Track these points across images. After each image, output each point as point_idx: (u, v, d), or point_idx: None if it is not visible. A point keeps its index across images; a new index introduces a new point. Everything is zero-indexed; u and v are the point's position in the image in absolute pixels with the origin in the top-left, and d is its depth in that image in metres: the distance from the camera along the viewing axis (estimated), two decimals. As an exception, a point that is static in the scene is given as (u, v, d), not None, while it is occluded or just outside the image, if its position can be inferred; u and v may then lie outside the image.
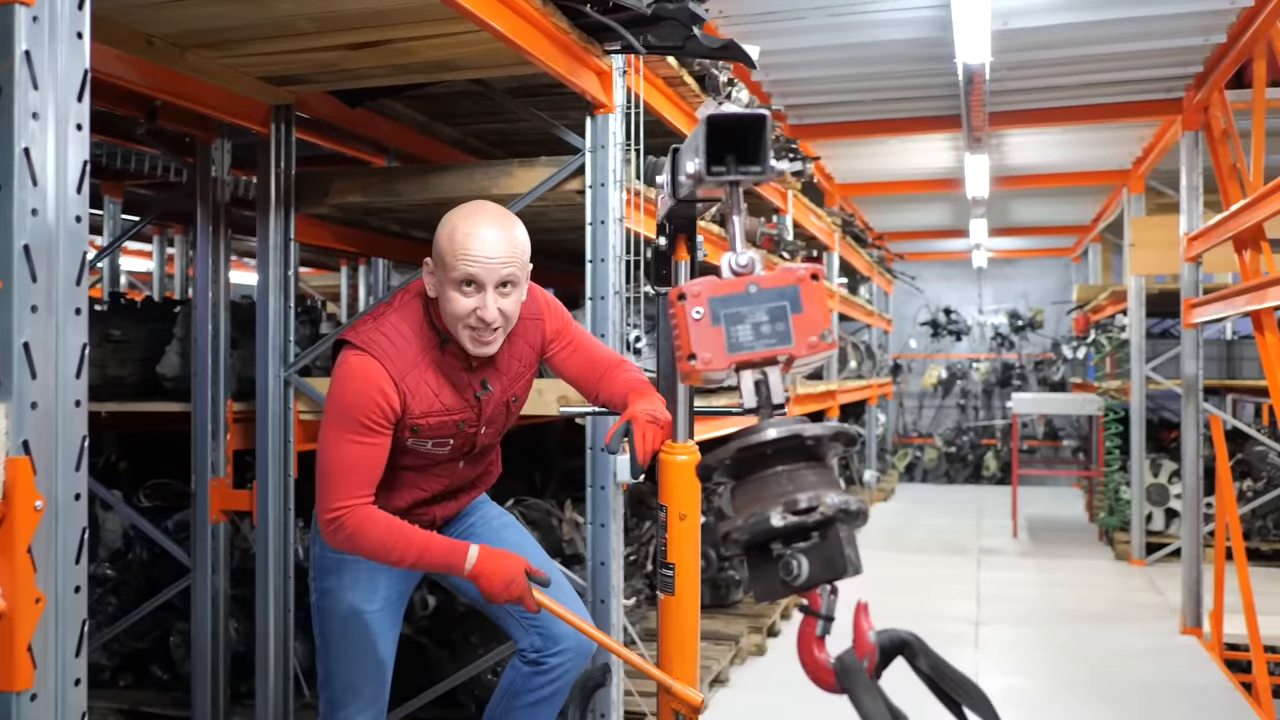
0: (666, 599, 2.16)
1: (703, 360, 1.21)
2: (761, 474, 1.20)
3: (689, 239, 2.10)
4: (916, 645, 1.19)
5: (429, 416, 2.27)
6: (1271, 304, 4.29)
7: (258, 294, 3.62)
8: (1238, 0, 4.49)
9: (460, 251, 2.15)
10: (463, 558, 2.19)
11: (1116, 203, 9.47)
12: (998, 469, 14.01)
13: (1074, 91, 5.99)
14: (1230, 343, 8.37)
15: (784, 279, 1.23)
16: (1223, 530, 5.74)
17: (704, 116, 1.33)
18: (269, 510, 3.57)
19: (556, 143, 4.12)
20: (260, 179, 3.62)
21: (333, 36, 2.92)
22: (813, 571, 1.16)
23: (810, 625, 1.20)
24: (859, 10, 4.57)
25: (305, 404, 3.64)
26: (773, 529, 1.15)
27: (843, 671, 1.14)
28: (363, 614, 2.43)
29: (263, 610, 3.59)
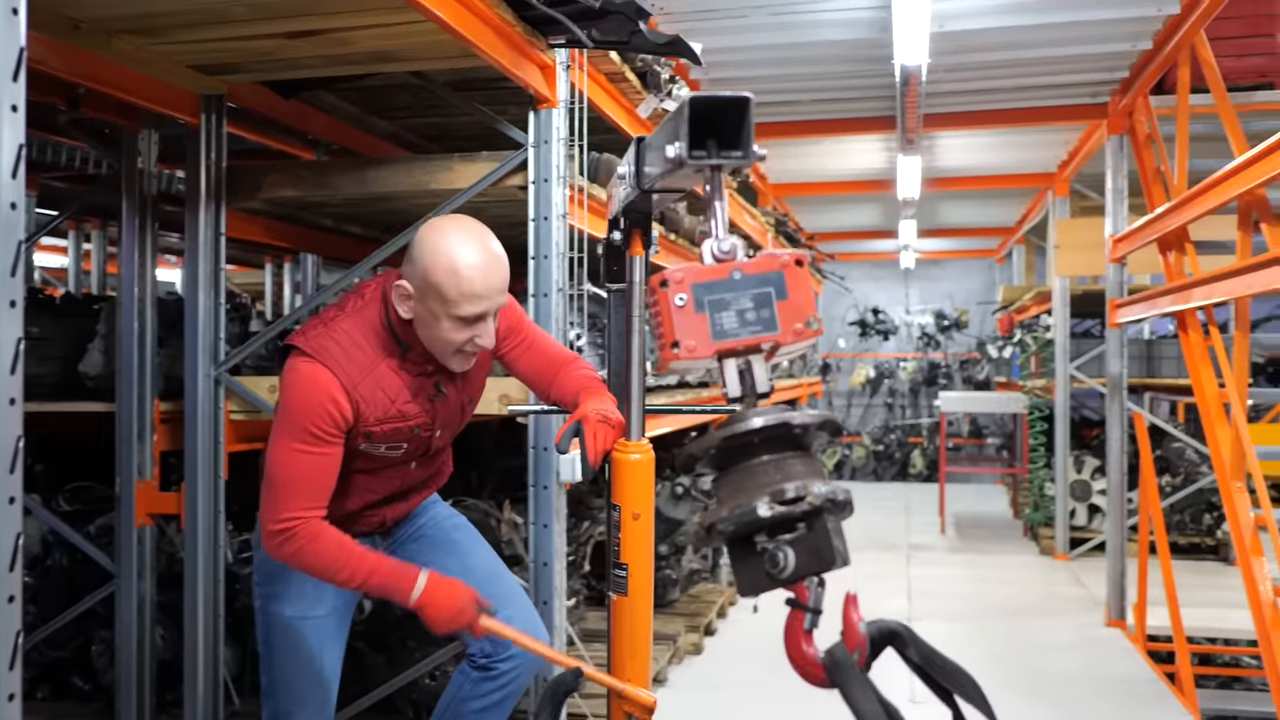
0: (619, 600, 2.12)
1: (686, 348, 1.17)
2: (747, 464, 1.17)
3: (644, 234, 2.06)
4: (906, 635, 1.17)
5: (384, 424, 2.21)
6: (1195, 304, 4.41)
7: (186, 290, 3.51)
8: (1164, 8, 4.60)
9: (467, 291, 2.09)
10: (411, 584, 2.12)
11: (1041, 205, 9.66)
12: (924, 467, 14.23)
13: (1004, 95, 6.09)
14: (1150, 342, 8.59)
15: (768, 265, 1.20)
16: (1146, 525, 5.89)
17: (686, 99, 1.30)
18: (198, 513, 3.46)
19: (496, 138, 4.05)
20: (190, 171, 3.51)
21: (268, 24, 2.83)
22: (800, 563, 1.13)
23: (798, 619, 1.17)
24: (799, 10, 4.58)
25: (236, 404, 3.54)
26: (760, 519, 1.12)
27: (834, 666, 1.12)
28: (309, 620, 2.36)
29: (191, 616, 3.48)
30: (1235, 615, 5.80)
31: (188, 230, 3.50)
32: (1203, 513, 8.08)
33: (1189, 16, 4.52)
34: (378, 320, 2.21)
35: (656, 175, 1.56)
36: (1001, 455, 13.67)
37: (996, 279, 14.47)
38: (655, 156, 1.53)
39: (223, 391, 3.50)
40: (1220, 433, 4.24)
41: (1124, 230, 5.86)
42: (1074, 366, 8.21)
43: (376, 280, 2.29)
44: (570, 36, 2.99)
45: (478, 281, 2.09)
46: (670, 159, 1.31)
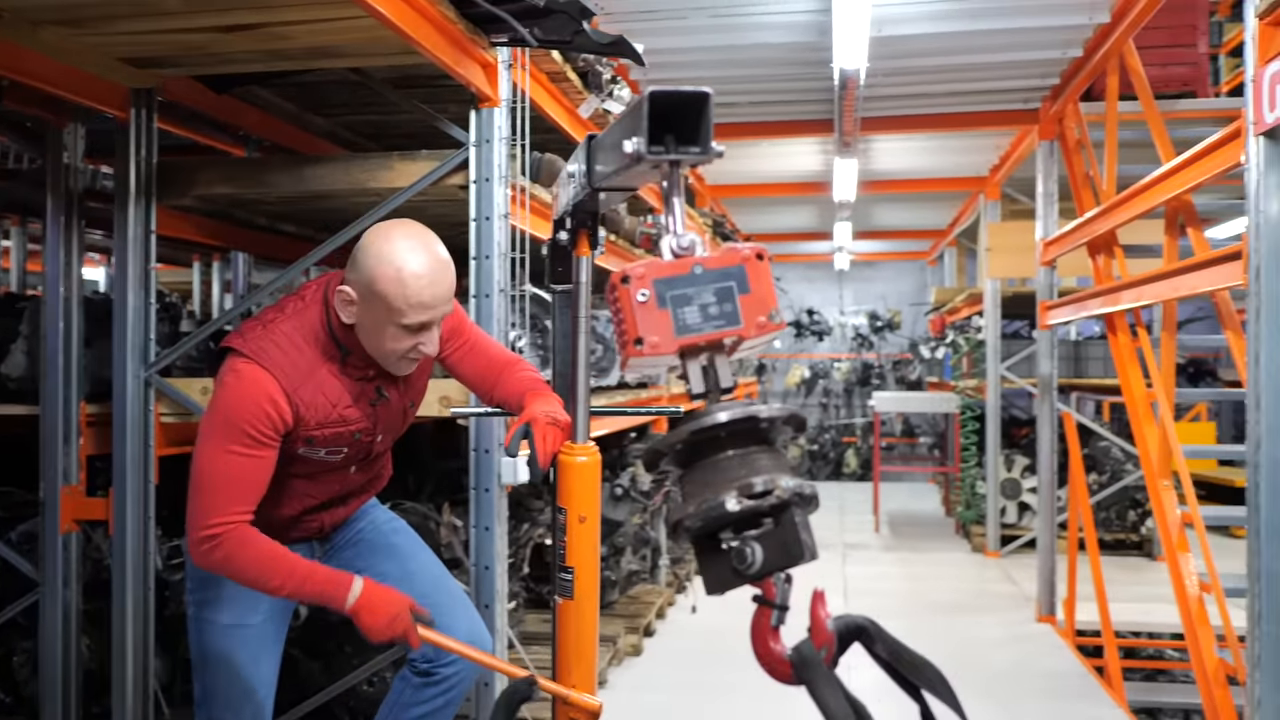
0: (565, 604, 2.10)
1: (650, 344, 1.16)
2: (713, 459, 1.16)
3: (591, 234, 2.05)
4: (873, 630, 1.16)
5: (325, 428, 2.16)
6: (1124, 307, 4.51)
7: (115, 290, 3.41)
8: (1095, 17, 4.70)
9: (413, 301, 2.06)
10: (346, 590, 2.07)
11: (973, 208, 9.83)
12: (858, 466, 14.40)
13: (939, 99, 6.18)
14: (1077, 344, 8.78)
15: (729, 259, 1.20)
16: (1075, 522, 6.02)
17: (646, 93, 1.28)
18: (127, 519, 3.37)
19: (434, 136, 4.00)
20: (119, 167, 3.41)
21: (204, 17, 2.76)
22: (768, 559, 1.12)
23: (765, 616, 1.16)
24: (739, 12, 4.60)
25: (166, 406, 3.45)
26: (727, 514, 1.11)
27: (801, 663, 1.11)
28: (244, 627, 2.30)
29: (120, 624, 3.38)
30: (1160, 609, 5.97)
31: (116, 228, 3.40)
32: (1128, 509, 8.30)
33: (1118, 26, 4.62)
34: (318, 323, 2.17)
35: (610, 172, 1.55)
36: (933, 454, 13.89)
37: (928, 281, 14.70)
38: (610, 154, 1.52)
39: (153, 393, 3.40)
40: (1148, 432, 4.35)
41: (1054, 234, 5.98)
42: (1004, 367, 8.37)
43: (317, 282, 2.24)
44: (513, 35, 2.97)
45: (425, 291, 2.06)
46: (629, 154, 1.29)
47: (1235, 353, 3.39)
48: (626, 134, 1.31)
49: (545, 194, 3.65)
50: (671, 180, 1.30)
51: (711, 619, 6.14)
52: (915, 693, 1.16)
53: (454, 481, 4.99)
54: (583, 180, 1.73)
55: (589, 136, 1.70)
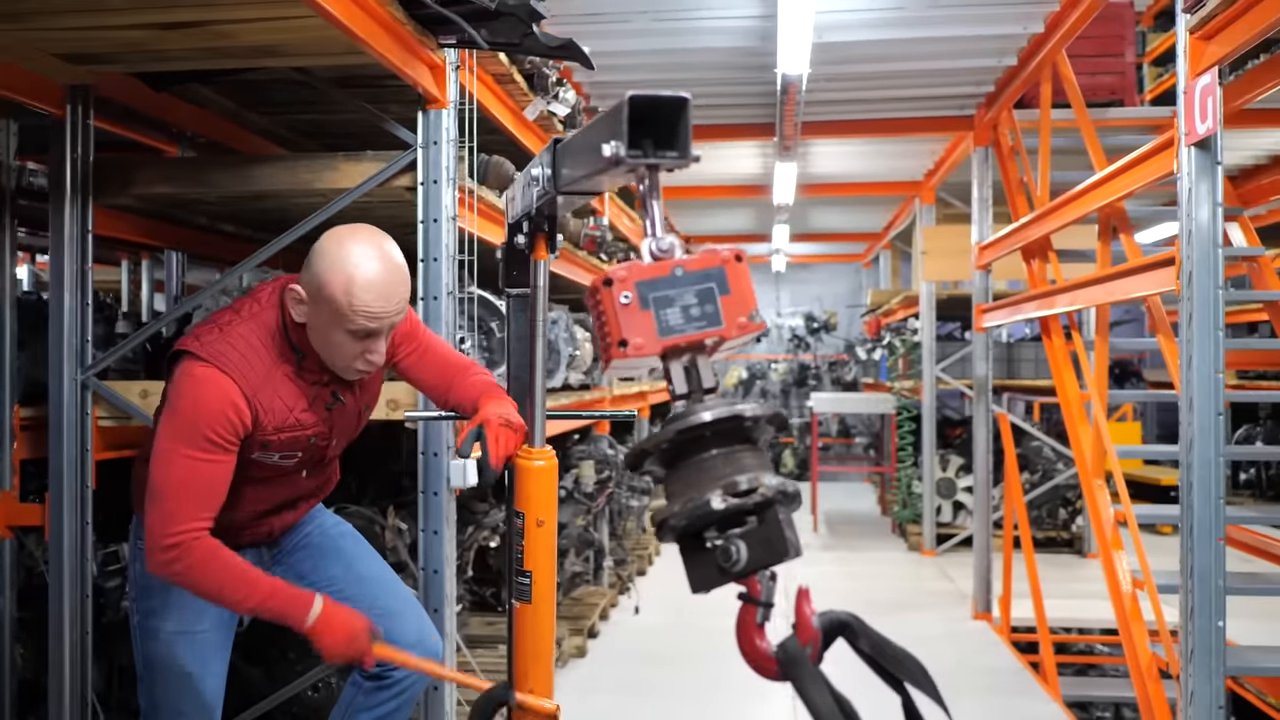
0: (522, 607, 2.10)
1: (634, 346, 1.17)
2: (697, 458, 1.17)
3: (549, 237, 2.05)
4: (857, 626, 1.19)
5: (281, 432, 2.14)
6: (1060, 310, 4.62)
7: (51, 291, 3.33)
8: (1029, 27, 4.81)
9: (360, 309, 2.03)
10: (305, 611, 2.05)
11: (907, 212, 9.99)
12: (795, 465, 14.53)
13: (877, 105, 6.28)
14: (1009, 345, 8.97)
15: (709, 261, 1.21)
16: (1010, 520, 6.15)
17: (625, 97, 1.29)
18: (63, 524, 3.28)
19: (374, 135, 3.95)
20: (54, 166, 3.32)
21: (146, 14, 2.70)
22: (752, 556, 1.14)
23: (750, 613, 1.17)
24: (683, 16, 4.62)
25: (104, 409, 3.37)
26: (712, 512, 1.13)
27: (787, 660, 1.13)
28: (191, 635, 2.26)
29: (56, 633, 3.29)
30: (1091, 605, 6.12)
31: (52, 227, 3.31)
32: (1059, 508, 8.49)
33: (1052, 36, 4.74)
34: (274, 325, 2.14)
35: (580, 176, 1.55)
36: (869, 454, 14.07)
37: (863, 283, 14.90)
38: (582, 157, 1.53)
39: (90, 397, 3.33)
40: (1082, 432, 4.46)
41: (990, 239, 6.10)
42: (940, 368, 8.52)
43: (273, 284, 2.21)
44: (463, 37, 2.95)
45: (373, 302, 2.04)
46: (607, 157, 1.30)
47: (1167, 356, 3.50)
48: (603, 137, 1.32)
49: (493, 196, 3.64)
50: (650, 184, 1.31)
51: (654, 619, 6.17)
52: (898, 685, 1.19)
53: (397, 484, 4.95)
54: (546, 184, 1.73)
55: (554, 140, 1.70)
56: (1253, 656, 3.36)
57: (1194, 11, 2.88)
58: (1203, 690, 2.95)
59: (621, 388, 7.28)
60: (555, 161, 1.69)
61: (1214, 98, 2.85)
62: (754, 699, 4.84)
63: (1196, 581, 2.98)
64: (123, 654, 3.88)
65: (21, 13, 2.71)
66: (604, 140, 1.31)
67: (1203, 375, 2.97)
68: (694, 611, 6.51)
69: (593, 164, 1.41)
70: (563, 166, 1.66)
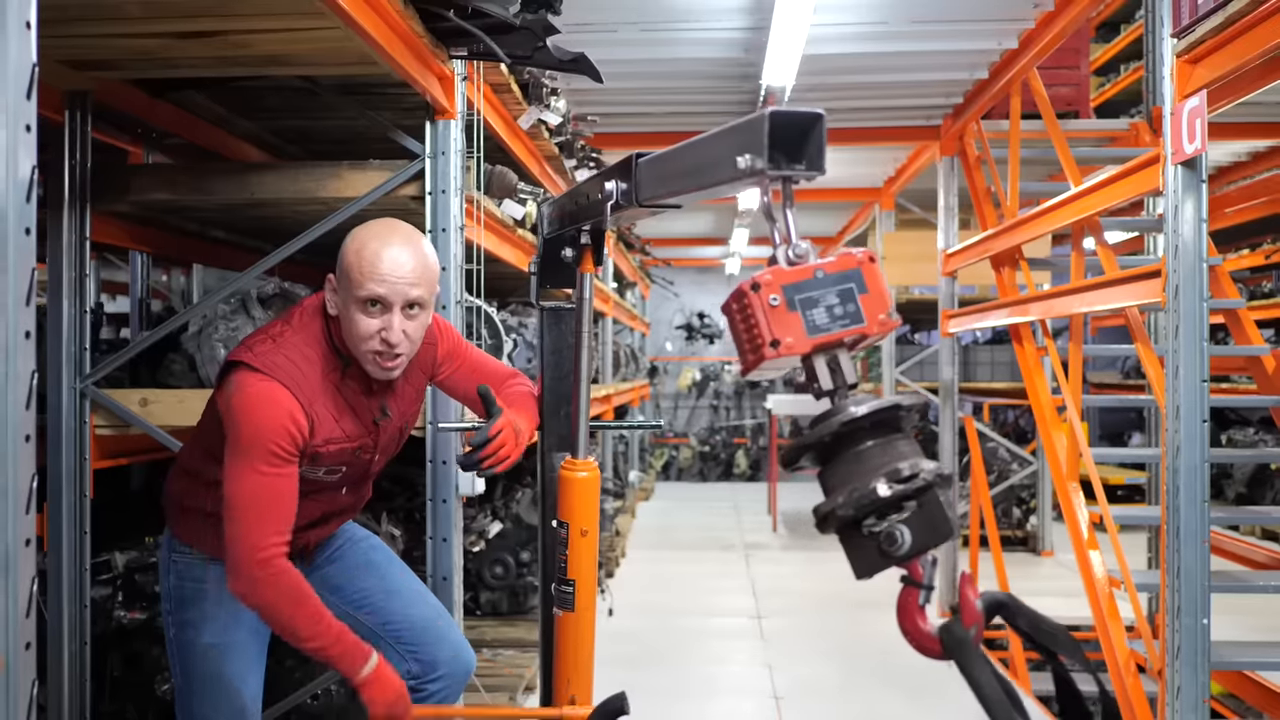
0: (565, 616, 2.15)
1: (785, 345, 1.24)
2: (854, 449, 1.23)
3: (596, 251, 2.10)
4: (1013, 605, 1.25)
5: (330, 444, 2.15)
6: (1033, 318, 4.77)
7: (49, 298, 3.29)
8: (1004, 42, 4.95)
9: (368, 269, 2.04)
10: (363, 663, 2.08)
11: (865, 217, 10.15)
12: (748, 466, 14.69)
13: (847, 115, 6.39)
14: (965, 348, 9.18)
15: (847, 263, 1.28)
16: (976, 519, 6.31)
17: (766, 113, 1.34)
18: (62, 534, 3.26)
19: (361, 142, 3.97)
20: (51, 173, 3.28)
21: (162, 23, 2.70)
22: (916, 539, 1.19)
23: (912, 596, 1.23)
24: (671, 27, 4.68)
25: (102, 418, 3.34)
26: (879, 499, 1.18)
27: (953, 643, 1.19)
28: (227, 645, 2.26)
29: (56, 641, 3.26)
30: (1049, 602, 6.29)
31: (50, 234, 3.27)
32: (1013, 507, 8.70)
33: (1026, 51, 4.88)
34: (321, 333, 2.15)
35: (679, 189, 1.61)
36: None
37: (816, 286, 15.05)
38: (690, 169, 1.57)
39: (88, 405, 3.30)
40: (1056, 437, 4.60)
41: (957, 246, 6.25)
42: (899, 371, 8.69)
43: (320, 294, 2.23)
44: (479, 49, 2.99)
45: (382, 264, 2.05)
46: (742, 169, 1.36)
47: (1145, 363, 3.64)
48: (734, 150, 1.37)
49: (494, 206, 3.67)
50: (785, 195, 1.37)
51: (628, 623, 6.22)
52: (1053, 657, 1.25)
53: (390, 491, 4.96)
54: (622, 197, 1.77)
55: (635, 155, 1.75)
56: (1229, 652, 3.51)
57: (1183, 36, 3.01)
58: (1189, 686, 3.08)
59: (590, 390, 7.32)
60: (636, 175, 1.73)
61: (1202, 119, 2.98)
62: (736, 698, 4.92)
63: (1183, 581, 3.11)
64: (114, 665, 3.84)
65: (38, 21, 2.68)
66: (734, 153, 1.36)
67: (1189, 384, 3.10)
68: (666, 613, 6.59)
69: (710, 176, 1.46)
70: (647, 180, 1.71)
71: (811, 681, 5.13)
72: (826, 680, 5.16)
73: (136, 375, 3.73)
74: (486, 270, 3.81)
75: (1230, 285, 4.82)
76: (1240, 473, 10.32)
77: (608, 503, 7.23)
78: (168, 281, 8.14)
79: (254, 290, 3.58)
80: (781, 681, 5.08)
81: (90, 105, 3.32)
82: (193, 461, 2.31)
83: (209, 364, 3.41)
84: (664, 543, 9.21)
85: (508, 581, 5.46)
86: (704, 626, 6.25)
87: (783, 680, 5.10)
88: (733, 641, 5.95)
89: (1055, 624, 1.25)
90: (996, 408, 12.04)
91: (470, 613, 5.49)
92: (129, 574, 3.82)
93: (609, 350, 8.72)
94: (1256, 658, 3.66)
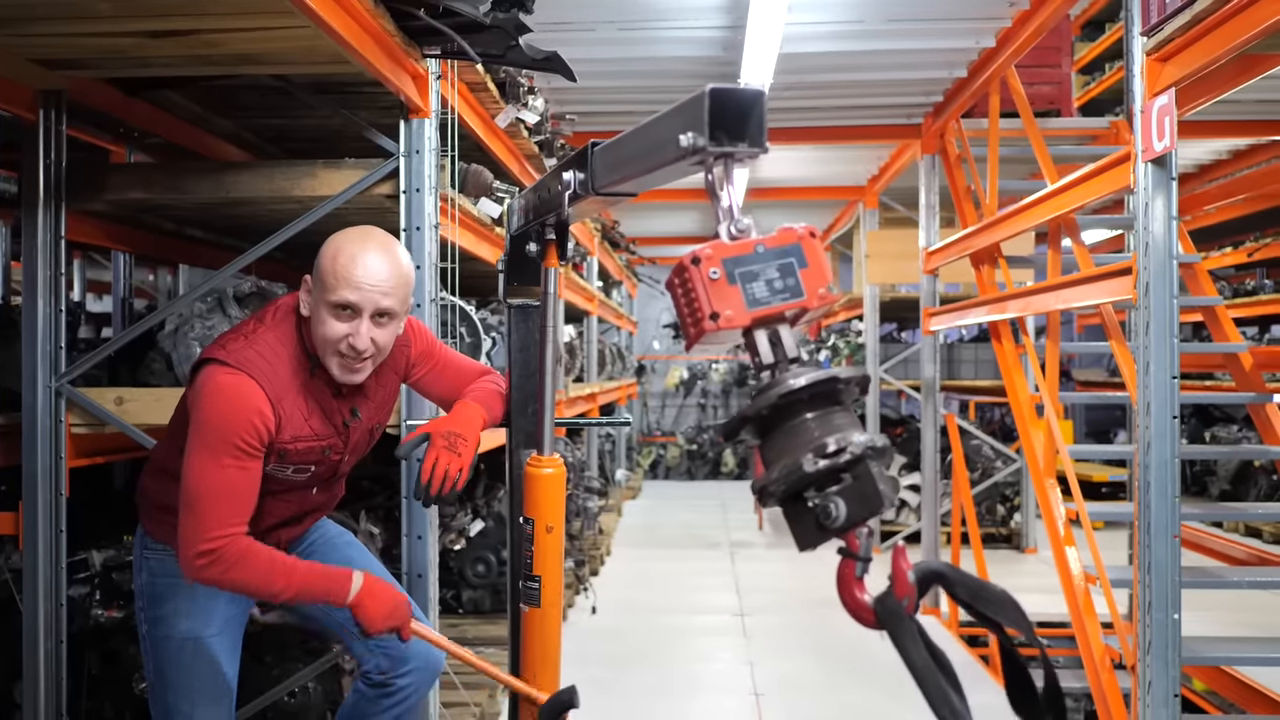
0: (531, 611, 2.16)
1: (725, 318, 1.24)
2: (789, 424, 1.23)
3: (560, 245, 2.10)
4: (951, 574, 1.24)
5: (299, 441, 2.16)
6: (1011, 315, 4.79)
7: (24, 296, 3.29)
8: (981, 40, 4.97)
9: (342, 274, 2.07)
10: (346, 585, 2.09)
11: (849, 216, 10.17)
12: (735, 465, 14.71)
13: (828, 113, 6.42)
14: (949, 346, 9.19)
15: (787, 238, 1.29)
16: (959, 516, 6.33)
17: (706, 90, 1.34)
18: (38, 533, 3.25)
19: (338, 141, 3.97)
20: (26, 171, 3.29)
21: (133, 22, 2.70)
22: (850, 512, 1.19)
23: (849, 567, 1.23)
24: (648, 26, 4.69)
25: (78, 416, 3.34)
26: (806, 475, 1.18)
27: (885, 614, 1.19)
28: (201, 640, 2.27)
29: (31, 643, 3.26)
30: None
31: (25, 233, 3.28)
32: (997, 505, 8.73)
33: (1003, 50, 4.90)
34: (294, 333, 2.17)
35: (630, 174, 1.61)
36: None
37: (803, 284, 15.08)
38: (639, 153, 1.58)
39: (64, 404, 3.30)
40: (1033, 433, 4.62)
41: (937, 244, 6.27)
42: (883, 370, 8.71)
43: (295, 294, 2.23)
44: (452, 48, 3.00)
45: (355, 270, 2.07)
46: (684, 148, 1.36)
47: (1120, 360, 3.66)
48: (675, 130, 1.37)
49: (469, 204, 3.68)
50: (726, 172, 1.37)
51: (612, 619, 6.24)
52: (997, 628, 1.24)
53: (360, 489, 4.96)
54: (579, 187, 1.78)
55: (591, 143, 1.75)
56: (1201, 647, 3.54)
57: (1152, 35, 3.03)
58: (1160, 680, 3.10)
59: (575, 389, 7.33)
60: (591, 164, 1.74)
61: (1171, 117, 3.00)
62: (716, 695, 4.94)
63: (1154, 576, 3.13)
64: (91, 663, 3.84)
65: (4, 19, 2.69)
66: (677, 132, 1.37)
67: (1159, 381, 3.12)
68: (649, 611, 6.60)
69: (657, 158, 1.47)
70: (601, 168, 1.72)
71: (792, 678, 5.15)
72: (807, 677, 5.17)
73: (116, 374, 3.73)
74: (465, 269, 3.82)
75: (1209, 283, 4.85)
76: (1225, 470, 10.38)
77: (591, 501, 7.23)
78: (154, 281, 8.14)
79: (230, 289, 3.59)
80: (762, 678, 5.09)
81: (64, 104, 3.31)
82: (166, 460, 2.31)
83: (185, 362, 3.41)
84: (650, 541, 9.23)
85: (489, 580, 5.47)
86: (687, 624, 6.26)
87: (763, 677, 5.11)
88: (715, 639, 5.96)
89: (999, 591, 1.24)
90: (982, 405, 12.10)
91: (452, 611, 5.49)
92: (106, 572, 3.81)
93: (594, 349, 8.72)
94: (1228, 652, 3.69)
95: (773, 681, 5.06)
